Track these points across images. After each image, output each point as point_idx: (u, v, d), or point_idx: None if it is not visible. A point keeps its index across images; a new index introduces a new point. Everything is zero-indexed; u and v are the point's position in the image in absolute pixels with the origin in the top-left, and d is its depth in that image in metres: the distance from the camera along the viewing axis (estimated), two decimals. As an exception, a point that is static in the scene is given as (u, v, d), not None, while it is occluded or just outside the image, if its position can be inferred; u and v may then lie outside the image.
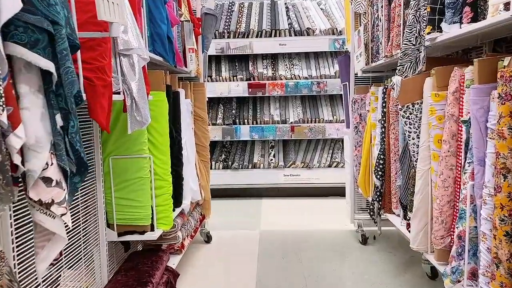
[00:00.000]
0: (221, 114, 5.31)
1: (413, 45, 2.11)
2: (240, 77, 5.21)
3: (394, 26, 2.55)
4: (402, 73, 2.17)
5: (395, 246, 3.46)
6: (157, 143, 2.39)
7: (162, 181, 2.42)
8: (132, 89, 1.74)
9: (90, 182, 2.14)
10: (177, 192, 2.84)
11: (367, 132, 3.32)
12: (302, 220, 4.32)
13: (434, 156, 1.98)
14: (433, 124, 1.96)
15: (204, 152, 3.64)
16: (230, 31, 5.16)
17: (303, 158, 5.28)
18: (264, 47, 5.15)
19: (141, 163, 2.27)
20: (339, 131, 5.15)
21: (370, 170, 3.29)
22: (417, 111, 2.14)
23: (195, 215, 3.39)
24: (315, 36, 5.13)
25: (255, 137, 5.20)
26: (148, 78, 1.96)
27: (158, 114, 2.37)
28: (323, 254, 3.36)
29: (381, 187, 2.92)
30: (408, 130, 2.17)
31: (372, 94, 3.22)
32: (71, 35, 1.09)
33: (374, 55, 3.10)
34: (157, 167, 2.39)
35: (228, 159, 5.30)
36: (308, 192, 5.20)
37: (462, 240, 1.71)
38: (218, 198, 5.03)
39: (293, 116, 5.26)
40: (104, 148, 2.24)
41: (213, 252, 3.51)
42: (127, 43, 1.72)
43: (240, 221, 4.35)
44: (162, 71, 2.39)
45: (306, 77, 5.20)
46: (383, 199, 2.95)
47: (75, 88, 1.06)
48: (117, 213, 2.29)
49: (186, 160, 2.99)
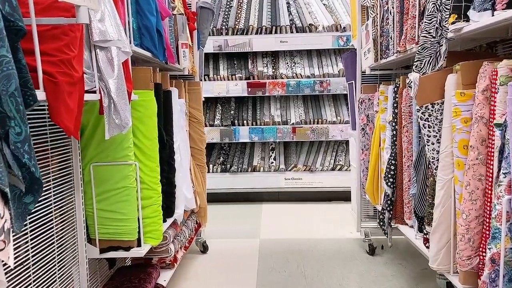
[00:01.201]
0: (219, 115, 5.09)
1: (433, 38, 1.85)
2: (239, 76, 4.99)
3: (408, 18, 2.30)
4: (420, 69, 1.92)
5: (405, 257, 3.22)
6: (144, 148, 2.14)
7: (150, 191, 2.17)
8: (109, 87, 1.49)
9: (67, 192, 1.89)
10: (169, 201, 2.60)
11: (376, 134, 3.07)
12: (304, 227, 4.08)
13: (458, 164, 1.73)
14: (457, 127, 1.71)
15: (200, 156, 3.40)
16: (228, 27, 4.93)
17: (305, 161, 5.05)
18: (264, 44, 4.93)
19: (126, 170, 2.01)
20: (343, 133, 4.93)
21: (379, 176, 3.04)
22: (437, 112, 1.89)
23: (189, 224, 3.14)
24: (317, 33, 4.90)
25: (255, 139, 5.00)
26: (130, 74, 1.71)
27: (145, 116, 2.12)
28: (328, 266, 3.11)
29: (392, 195, 2.67)
30: (427, 134, 1.92)
31: (381, 94, 2.98)
32: (13, 16, 0.84)
33: (384, 51, 2.85)
34: (145, 175, 2.14)
35: (226, 162, 5.08)
36: (311, 197, 4.98)
37: (496, 264, 1.46)
38: (216, 203, 4.82)
39: (294, 117, 5.04)
40: (84, 154, 2.00)
41: (209, 264, 3.26)
42: (104, 33, 1.48)
43: (238, 229, 4.10)
44: (149, 67, 2.14)
45: (308, 76, 4.98)
46: (395, 209, 2.70)
47: (13, 84, 0.81)
48: (100, 227, 2.04)
49: (179, 166, 2.75)
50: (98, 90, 1.50)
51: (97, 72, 1.49)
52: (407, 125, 2.49)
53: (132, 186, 2.04)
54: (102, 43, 1.48)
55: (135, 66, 2.18)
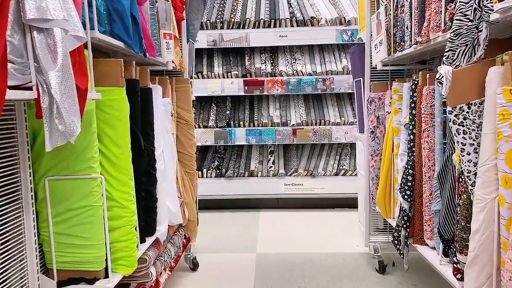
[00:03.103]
0: (214, 116, 4.74)
1: (470, 21, 1.48)
2: (235, 73, 4.65)
3: (431, 2, 1.92)
4: (453, 61, 1.54)
5: (419, 276, 2.85)
6: (114, 158, 1.76)
7: (121, 209, 1.80)
8: (49, 82, 1.11)
9: (14, 214, 1.52)
10: (149, 218, 2.23)
11: (388, 138, 2.70)
12: (305, 239, 3.70)
13: (506, 181, 1.36)
14: (505, 134, 1.34)
15: (189, 162, 3.03)
16: (223, 20, 4.58)
17: (307, 165, 4.71)
18: (263, 39, 4.59)
19: (90, 186, 1.64)
20: (348, 135, 4.57)
21: (392, 186, 2.67)
22: (475, 114, 1.51)
23: (176, 241, 2.77)
24: (320, 27, 4.55)
25: (252, 141, 4.67)
26: (86, 66, 1.33)
27: (114, 118, 1.75)
28: (333, 286, 2.74)
29: (409, 210, 2.30)
30: (461, 142, 1.54)
31: (395, 92, 2.61)
32: None
33: (398, 43, 2.48)
34: (114, 190, 1.77)
35: (221, 166, 4.73)
36: (312, 204, 4.64)
37: None
38: (209, 210, 4.49)
39: (295, 117, 4.70)
40: (38, 167, 1.62)
41: (199, 283, 2.89)
42: (42, 10, 1.10)
43: (233, 241, 3.72)
44: (119, 59, 1.76)
45: (310, 73, 4.64)
46: (412, 226, 2.33)
47: None
48: (58, 255, 1.68)
49: (162, 175, 2.38)
50: (36, 86, 1.12)
51: (33, 62, 1.11)
52: (428, 129, 2.12)
53: (97, 204, 1.67)
54: (39, 22, 1.10)
55: (103, 58, 1.81)
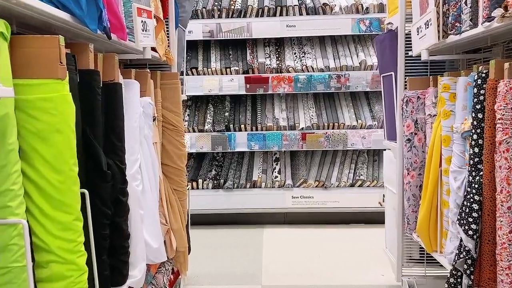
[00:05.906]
0: (211, 118, 4.24)
1: None
2: (235, 69, 4.16)
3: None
4: None
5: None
6: (50, 189, 1.14)
7: (62, 266, 1.18)
8: None
9: None
10: (118, 261, 1.65)
11: (434, 149, 2.10)
12: (319, 266, 3.13)
13: None
14: None
15: (178, 176, 2.46)
16: (221, 8, 4.08)
17: (318, 175, 4.19)
18: (267, 29, 4.11)
19: (5, 237, 1.03)
20: (365, 140, 4.04)
21: (440, 211, 2.07)
22: None
23: (160, 281, 2.16)
24: (333, 15, 4.04)
25: (255, 148, 4.18)
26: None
27: (49, 128, 1.13)
28: None
29: (474, 250, 1.69)
30: None
31: (445, 90, 2.01)
32: None
33: (452, 24, 1.88)
34: (51, 237, 1.15)
35: (219, 176, 4.21)
36: (324, 220, 4.12)
37: None
38: (205, 226, 3.97)
39: (304, 120, 4.20)
40: None
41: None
42: None
43: (233, 270, 3.13)
44: (56, 36, 1.14)
45: (321, 69, 4.12)
46: (478, 271, 1.72)
47: None
48: None
49: (138, 199, 1.79)
50: None
51: None
52: (507, 140, 1.51)
53: (18, 265, 1.05)
54: None
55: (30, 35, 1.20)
